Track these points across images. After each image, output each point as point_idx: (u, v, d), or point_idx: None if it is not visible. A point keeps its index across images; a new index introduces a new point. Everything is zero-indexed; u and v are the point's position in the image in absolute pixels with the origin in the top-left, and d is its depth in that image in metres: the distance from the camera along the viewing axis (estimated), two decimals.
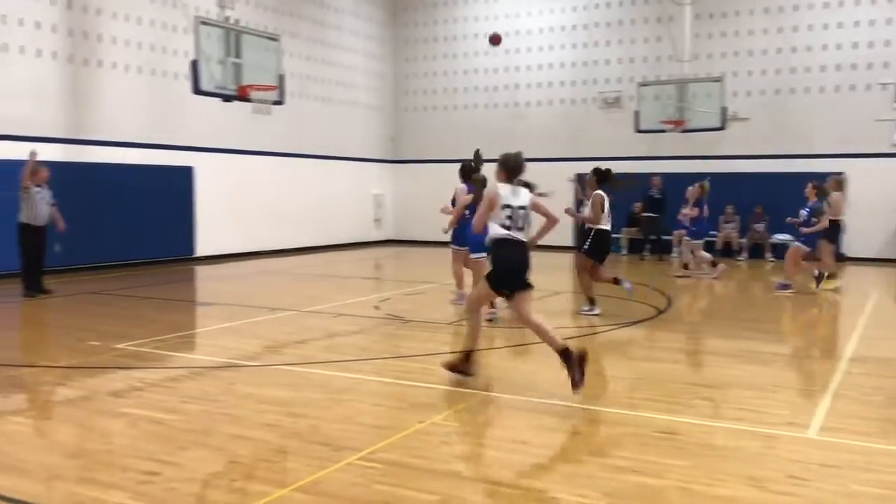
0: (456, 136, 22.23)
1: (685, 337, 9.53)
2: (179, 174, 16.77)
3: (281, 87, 14.44)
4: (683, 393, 6.49)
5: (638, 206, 19.15)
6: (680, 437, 5.27)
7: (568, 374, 5.96)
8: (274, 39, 14.83)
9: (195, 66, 12.87)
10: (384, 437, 5.24)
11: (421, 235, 21.97)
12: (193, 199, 17.09)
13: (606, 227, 10.33)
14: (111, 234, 15.26)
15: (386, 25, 23.39)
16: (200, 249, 17.26)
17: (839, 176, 14.79)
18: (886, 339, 9.22)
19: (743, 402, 6.21)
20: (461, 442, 5.21)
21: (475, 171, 9.95)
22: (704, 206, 14.89)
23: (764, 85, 19.20)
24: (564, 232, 19.18)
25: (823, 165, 17.16)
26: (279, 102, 14.52)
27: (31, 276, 11.77)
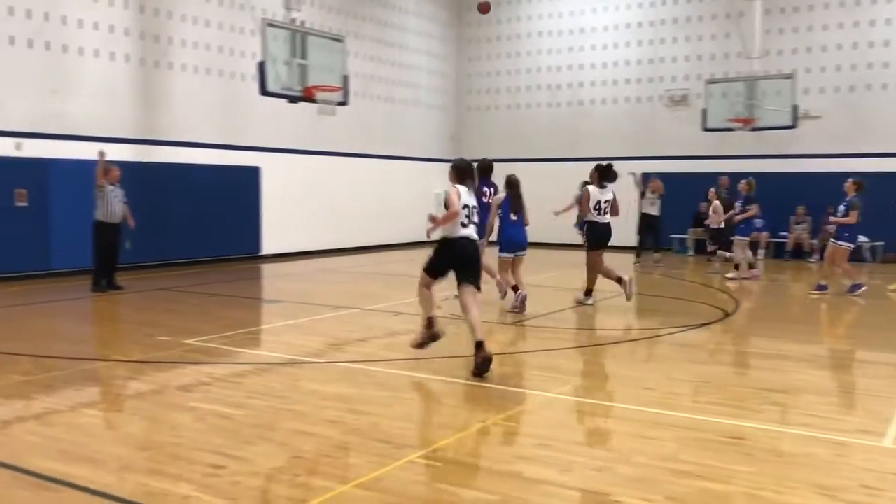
0: (518, 134, 22.18)
1: (752, 340, 9.30)
2: (246, 174, 17.11)
3: (345, 87, 14.58)
4: (750, 397, 6.33)
5: (704, 205, 18.76)
6: (746, 442, 5.14)
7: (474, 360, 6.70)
8: (339, 40, 14.98)
9: (262, 67, 13.08)
10: (445, 435, 5.25)
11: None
12: (260, 198, 17.43)
13: (599, 219, 10.74)
14: (180, 232, 15.66)
15: (449, 25, 23.44)
16: (266, 248, 17.59)
17: None
18: None
19: (812, 407, 6.03)
20: (522, 443, 5.18)
21: (489, 170, 10.91)
22: (752, 203, 14.44)
23: (838, 82, 18.61)
24: (623, 234, 18.96)
25: None
26: (343, 103, 14.66)
27: (100, 272, 12.16)
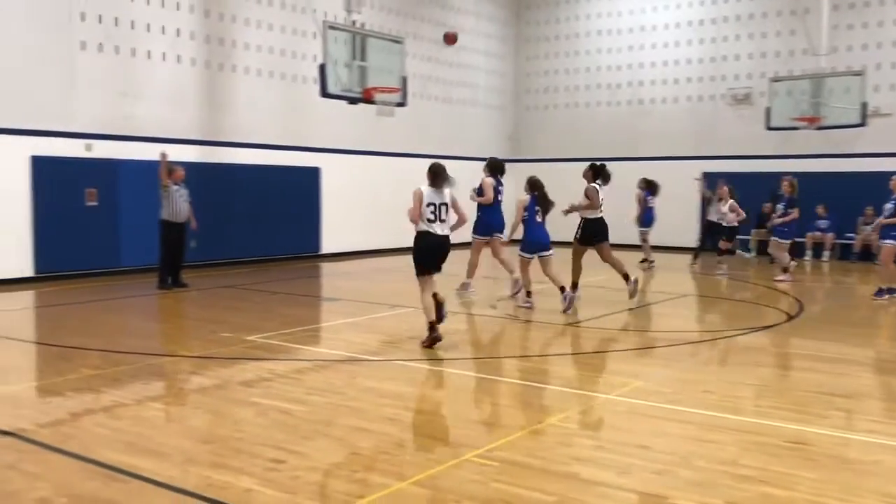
0: (577, 134, 22.02)
1: (816, 343, 9.06)
2: (307, 175, 17.37)
3: (404, 88, 14.67)
4: (814, 402, 6.18)
5: (767, 206, 18.35)
6: (810, 447, 5.03)
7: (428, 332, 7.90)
8: (398, 42, 15.07)
9: (323, 69, 13.24)
10: (502, 435, 5.26)
11: None
12: (320, 198, 17.67)
13: (596, 216, 11.11)
14: (243, 231, 15.98)
15: (508, 24, 23.40)
16: (325, 247, 17.82)
17: None
18: None
19: (878, 413, 5.87)
20: (580, 444, 5.16)
21: (501, 169, 11.68)
22: (794, 206, 13.99)
23: None
24: (688, 235, 18.68)
25: None
26: (402, 104, 14.75)
27: (166, 270, 12.48)
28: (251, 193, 16.10)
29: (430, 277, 8.22)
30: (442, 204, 8.27)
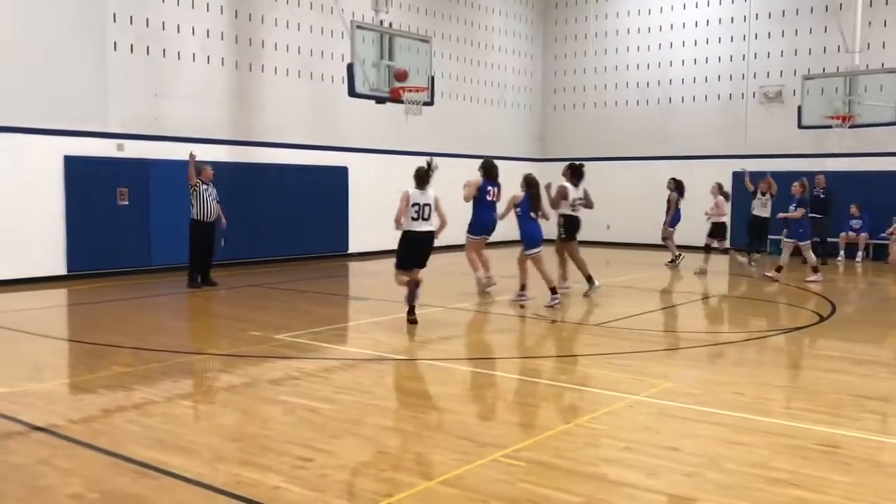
0: (605, 133, 21.89)
1: (848, 345, 8.93)
2: (335, 174, 17.44)
3: (431, 87, 14.68)
4: (847, 404, 6.09)
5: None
6: (842, 451, 4.96)
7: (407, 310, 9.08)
8: (425, 41, 15.08)
9: (351, 69, 13.29)
10: (529, 435, 5.25)
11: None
12: (348, 197, 17.73)
13: (571, 213, 11.64)
14: (272, 230, 16.09)
15: (536, 23, 23.32)
16: (353, 246, 17.89)
17: None
18: None
19: None
20: (607, 445, 5.12)
21: (493, 170, 11.89)
22: (802, 206, 13.71)
23: None
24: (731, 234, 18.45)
25: None
26: (429, 103, 14.76)
27: (195, 269, 12.60)
28: (280, 193, 16.20)
29: (410, 272, 9.24)
30: (426, 204, 9.32)
